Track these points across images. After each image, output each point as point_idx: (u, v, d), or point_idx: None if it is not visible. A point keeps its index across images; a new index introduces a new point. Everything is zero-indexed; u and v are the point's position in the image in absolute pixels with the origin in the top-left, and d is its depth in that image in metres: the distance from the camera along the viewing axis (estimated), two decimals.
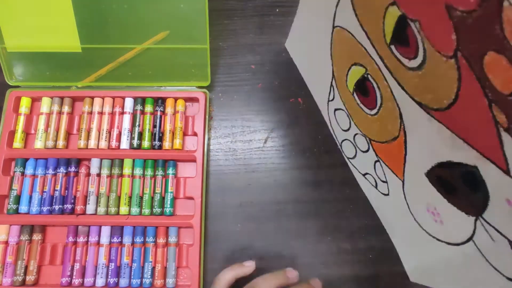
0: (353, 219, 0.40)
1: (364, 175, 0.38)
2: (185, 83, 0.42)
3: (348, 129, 0.37)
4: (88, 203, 0.38)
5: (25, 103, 0.41)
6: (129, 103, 0.41)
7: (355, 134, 0.36)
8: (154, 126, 0.40)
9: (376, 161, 0.35)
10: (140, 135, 0.40)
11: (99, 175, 0.39)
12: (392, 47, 0.27)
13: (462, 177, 0.26)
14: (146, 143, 0.40)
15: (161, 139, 0.40)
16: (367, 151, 0.35)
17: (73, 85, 0.42)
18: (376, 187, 0.37)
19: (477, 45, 0.19)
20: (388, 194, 0.35)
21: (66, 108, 0.41)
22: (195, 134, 0.41)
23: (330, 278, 0.38)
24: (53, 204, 0.38)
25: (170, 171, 0.39)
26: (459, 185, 0.27)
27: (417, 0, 0.23)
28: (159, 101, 0.41)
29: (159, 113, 0.41)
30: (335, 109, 0.38)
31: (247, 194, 0.41)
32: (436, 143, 0.28)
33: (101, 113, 0.41)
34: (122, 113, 0.41)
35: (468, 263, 0.28)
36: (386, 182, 0.35)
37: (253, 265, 0.34)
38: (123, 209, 0.38)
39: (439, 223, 0.30)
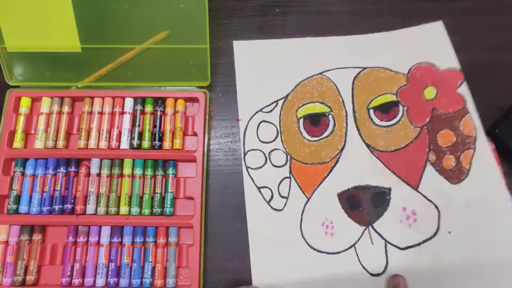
0: None
1: (259, 188, 0.40)
2: (185, 83, 0.42)
3: (270, 142, 0.41)
4: (88, 203, 0.38)
5: (25, 103, 0.41)
6: (129, 103, 0.41)
7: (274, 149, 0.41)
8: (154, 126, 0.40)
9: (285, 178, 0.40)
10: (140, 135, 0.40)
11: (99, 175, 0.39)
12: (371, 110, 0.42)
13: (372, 196, 0.39)
14: (146, 143, 0.40)
15: (161, 139, 0.40)
16: (280, 166, 0.40)
17: (73, 85, 0.42)
18: (268, 202, 0.39)
19: (439, 126, 0.41)
20: (281, 210, 0.39)
21: (66, 108, 0.41)
22: (195, 134, 0.41)
23: None
24: (53, 204, 0.38)
25: (170, 171, 0.39)
26: (365, 203, 0.38)
27: (412, 98, 0.42)
28: (159, 101, 0.41)
29: (159, 113, 0.41)
30: (263, 121, 0.42)
31: None
32: (363, 172, 0.39)
33: (101, 113, 0.41)
34: (122, 113, 0.41)
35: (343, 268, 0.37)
36: (286, 198, 0.39)
37: None
38: (123, 209, 0.38)
39: (329, 235, 0.38)
